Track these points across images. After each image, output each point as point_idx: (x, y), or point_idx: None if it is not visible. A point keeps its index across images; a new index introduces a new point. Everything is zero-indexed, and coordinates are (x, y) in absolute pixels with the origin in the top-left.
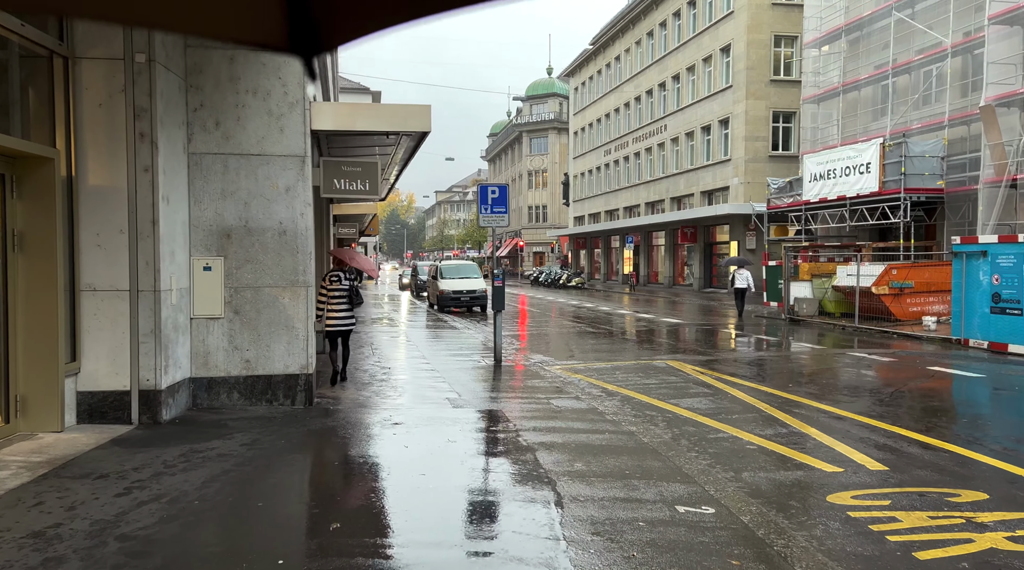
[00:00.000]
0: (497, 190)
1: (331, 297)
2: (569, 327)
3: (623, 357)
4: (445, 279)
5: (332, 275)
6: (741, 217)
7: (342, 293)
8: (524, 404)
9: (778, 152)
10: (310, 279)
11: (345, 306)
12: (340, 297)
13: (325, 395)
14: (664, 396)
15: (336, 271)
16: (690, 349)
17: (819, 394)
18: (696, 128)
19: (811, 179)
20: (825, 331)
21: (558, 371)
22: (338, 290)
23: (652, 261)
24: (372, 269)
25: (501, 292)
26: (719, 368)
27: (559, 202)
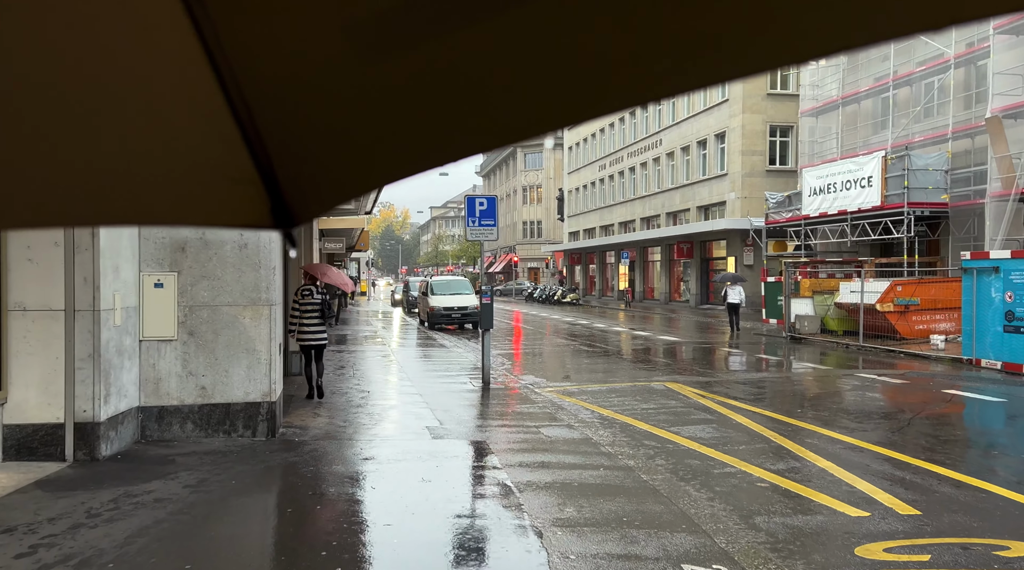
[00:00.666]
0: (485, 202)
1: (303, 312)
2: (563, 345)
3: (619, 378)
4: (436, 295)
5: (304, 289)
6: (738, 232)
7: (314, 307)
8: (511, 434)
9: (775, 166)
10: (275, 297)
11: (317, 321)
12: (312, 312)
13: (292, 424)
14: (663, 423)
15: (308, 286)
16: (689, 369)
17: (830, 420)
18: (692, 142)
19: (811, 193)
20: (828, 350)
21: (550, 394)
22: (310, 304)
23: (648, 277)
24: (345, 283)
25: (490, 310)
26: (720, 390)
27: (554, 217)
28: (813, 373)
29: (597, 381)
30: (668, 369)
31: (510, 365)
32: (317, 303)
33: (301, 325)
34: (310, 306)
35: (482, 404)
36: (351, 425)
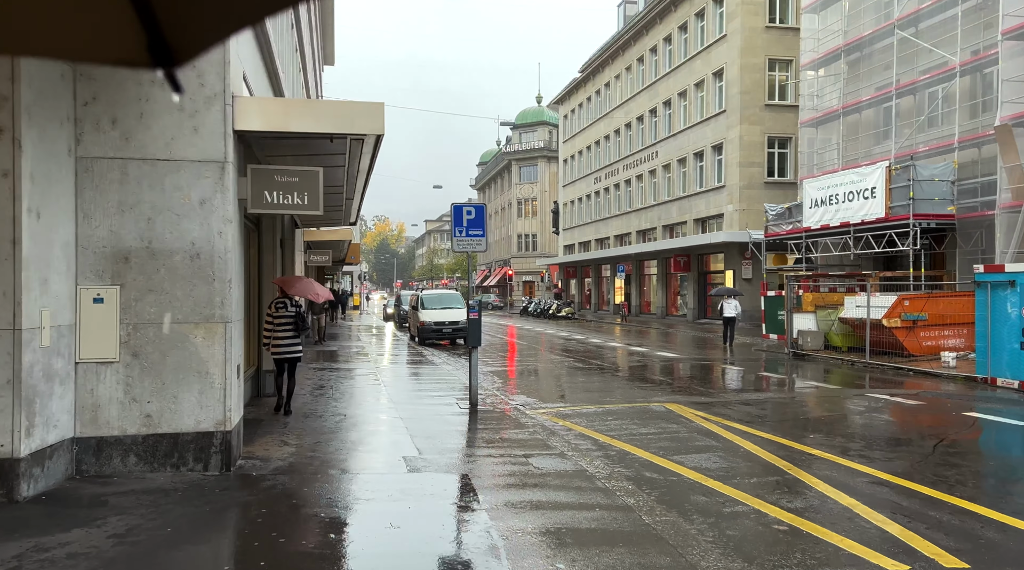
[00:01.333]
0: (473, 210)
1: (276, 324)
2: (558, 362)
3: (616, 398)
4: (426, 309)
5: (278, 302)
6: (736, 245)
7: (287, 320)
8: (498, 465)
9: (774, 178)
10: (231, 313)
11: (290, 333)
12: (285, 324)
13: (254, 454)
14: (665, 451)
15: (281, 299)
16: (689, 388)
17: (846, 447)
18: (688, 154)
19: (811, 205)
20: (833, 367)
21: (543, 417)
22: (283, 317)
23: (644, 291)
24: (317, 294)
25: (478, 325)
26: (724, 413)
27: (549, 231)
28: (820, 393)
29: (593, 402)
30: (667, 388)
31: (501, 384)
32: (291, 316)
33: (275, 337)
34: (283, 319)
35: (468, 429)
36: (319, 456)
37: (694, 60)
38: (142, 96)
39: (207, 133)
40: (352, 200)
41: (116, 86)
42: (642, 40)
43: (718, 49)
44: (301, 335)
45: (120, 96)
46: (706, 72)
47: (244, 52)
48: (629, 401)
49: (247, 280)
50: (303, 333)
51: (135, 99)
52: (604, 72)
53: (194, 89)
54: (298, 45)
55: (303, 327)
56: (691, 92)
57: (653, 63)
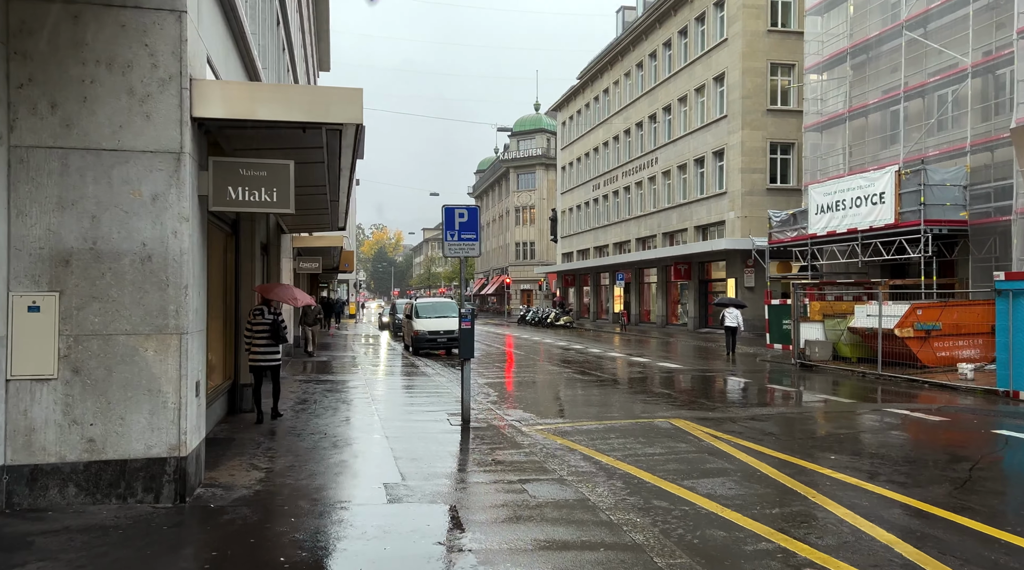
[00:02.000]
0: (466, 213)
1: (254, 333)
2: (556, 373)
3: (618, 413)
4: (421, 318)
5: (255, 310)
6: (739, 253)
7: (264, 328)
8: (490, 493)
9: (776, 185)
10: (187, 323)
11: (267, 341)
12: (262, 332)
13: (217, 480)
14: (675, 475)
15: (259, 306)
16: (695, 402)
17: (874, 471)
18: (689, 160)
19: (817, 211)
20: (843, 379)
21: (541, 434)
22: (260, 325)
23: (644, 299)
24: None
25: (470, 336)
26: (734, 430)
27: (547, 238)
28: (834, 407)
29: (593, 417)
30: (672, 402)
31: (497, 397)
32: (267, 323)
33: (252, 346)
34: (260, 327)
35: (459, 450)
36: (290, 482)
37: (695, 65)
38: (86, 77)
39: (161, 120)
40: (338, 202)
41: (56, 66)
42: (641, 45)
43: (719, 53)
44: (280, 343)
45: (60, 77)
46: (707, 77)
47: (210, 33)
48: (632, 416)
49: (223, 288)
50: (282, 342)
51: (78, 81)
52: (603, 78)
53: (145, 70)
54: (286, 44)
55: (280, 335)
56: (691, 97)
57: (653, 68)
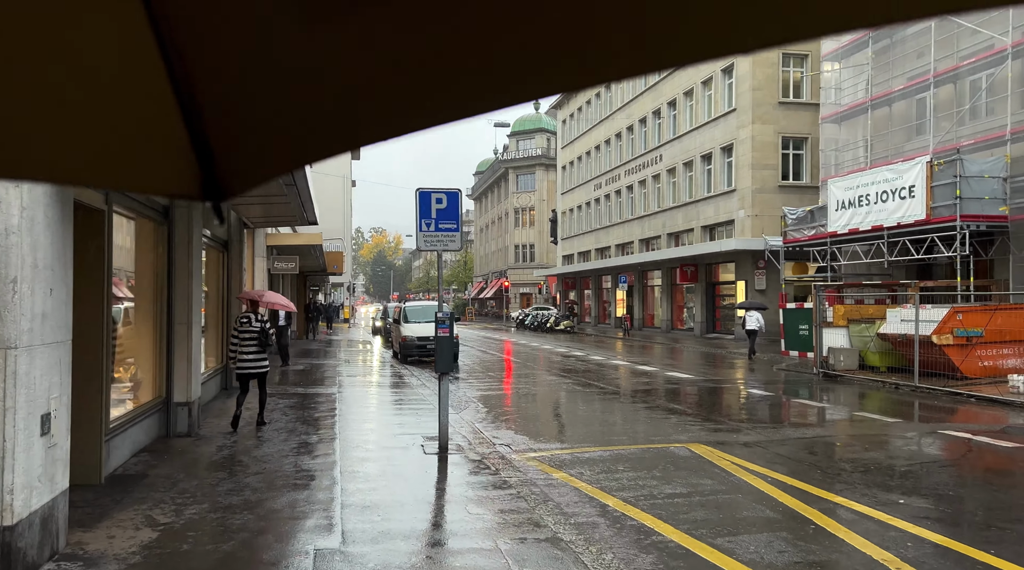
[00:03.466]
0: (444, 198)
1: (241, 340)
2: (555, 384)
3: (626, 435)
4: (410, 323)
5: (242, 317)
6: (749, 253)
7: (252, 336)
8: (457, 567)
9: (789, 182)
10: (18, 333)
11: (255, 349)
12: (250, 339)
13: (84, 547)
14: (704, 528)
15: (246, 313)
16: (713, 421)
17: (969, 521)
18: (695, 157)
19: (838, 207)
20: (874, 391)
21: (534, 465)
22: (248, 333)
23: (647, 303)
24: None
25: (448, 345)
26: (767, 459)
27: (547, 241)
28: (879, 429)
29: (597, 441)
30: (688, 420)
31: (487, 414)
32: (255, 331)
33: (240, 353)
34: (248, 334)
35: (431, 491)
36: (185, 549)
37: None
38: None
39: None
40: (294, 187)
41: None
42: None
43: None
44: (267, 350)
45: None
46: (714, 69)
47: None
48: (643, 440)
49: (153, 288)
50: (268, 348)
51: None
52: None
53: None
54: None
55: (267, 342)
56: (698, 91)
57: None
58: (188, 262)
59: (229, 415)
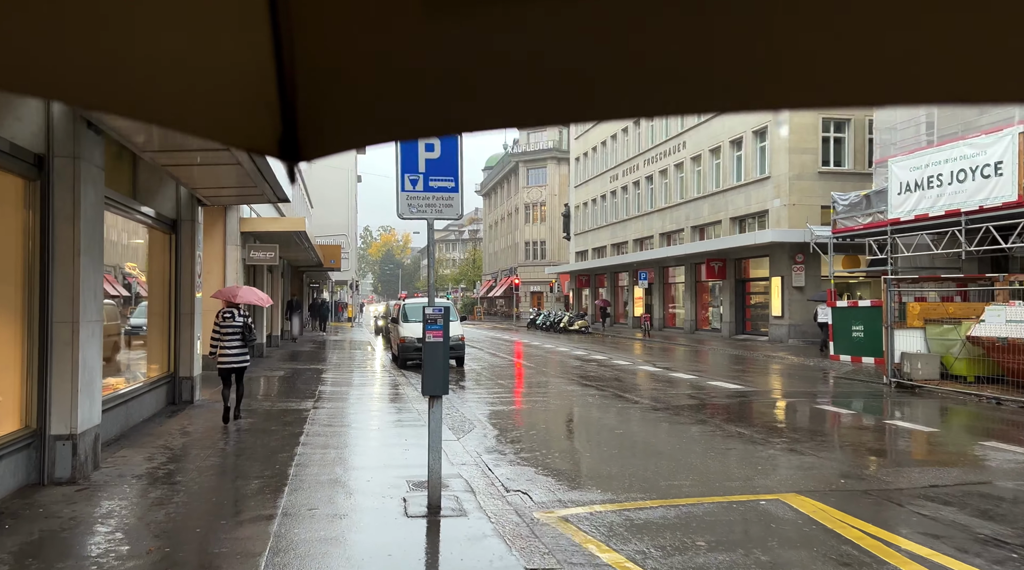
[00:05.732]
0: (437, 145)
1: (224, 334)
2: (579, 396)
3: (689, 477)
4: (409, 323)
5: (225, 312)
6: (786, 246)
7: (234, 330)
8: None
9: (830, 168)
10: None
11: (238, 343)
12: (232, 334)
13: None
14: None
15: (229, 309)
16: (799, 451)
17: None
18: (723, 142)
19: (901, 190)
20: (969, 407)
21: (569, 533)
22: (230, 327)
23: (668, 301)
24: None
25: (439, 354)
26: (929, 531)
27: (559, 237)
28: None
29: (651, 486)
30: (761, 449)
31: (496, 440)
32: (238, 326)
33: (222, 348)
34: (230, 329)
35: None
36: None
37: None
38: None
39: None
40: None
41: None
42: None
43: None
44: (248, 345)
45: None
46: None
47: None
48: (717, 485)
49: (19, 273)
50: (251, 343)
51: None
52: None
53: None
54: None
55: (250, 337)
56: None
57: None
58: (73, 234)
59: (165, 438)
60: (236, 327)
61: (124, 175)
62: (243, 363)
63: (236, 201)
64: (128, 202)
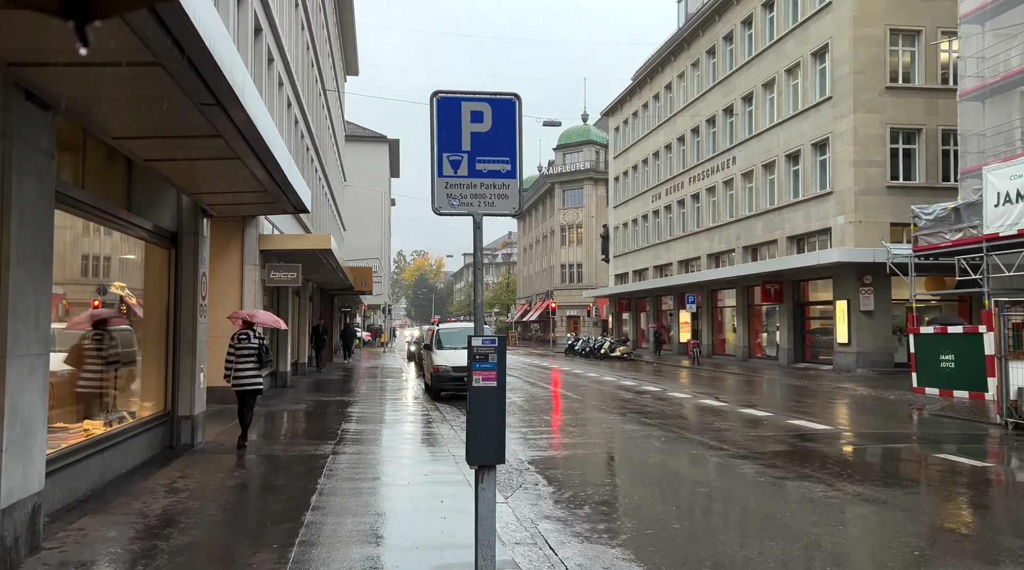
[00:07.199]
0: (488, 110)
1: (239, 356)
2: (640, 440)
3: (826, 566)
4: (444, 350)
5: (241, 334)
6: (852, 267)
7: (250, 352)
8: None
9: (899, 182)
10: None
11: (252, 365)
12: (248, 356)
13: None
14: None
15: (244, 331)
16: (957, 525)
17: None
18: (779, 157)
19: (999, 202)
20: None
21: None
22: (246, 349)
23: (717, 327)
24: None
25: (490, 403)
26: None
27: (595, 260)
28: None
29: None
30: (918, 528)
31: (551, 502)
32: (254, 347)
33: (236, 369)
34: (246, 351)
35: None
36: None
37: (785, 41)
38: None
39: None
40: (259, 143)
41: None
42: (713, 28)
43: (819, 22)
44: (264, 367)
45: None
46: (802, 53)
47: None
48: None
49: None
50: (266, 365)
51: None
52: (664, 73)
53: None
54: None
55: (266, 359)
56: (781, 80)
57: (728, 53)
58: (0, 240)
59: (145, 498)
60: (251, 349)
61: (116, 181)
62: (256, 385)
63: (247, 211)
64: (114, 210)
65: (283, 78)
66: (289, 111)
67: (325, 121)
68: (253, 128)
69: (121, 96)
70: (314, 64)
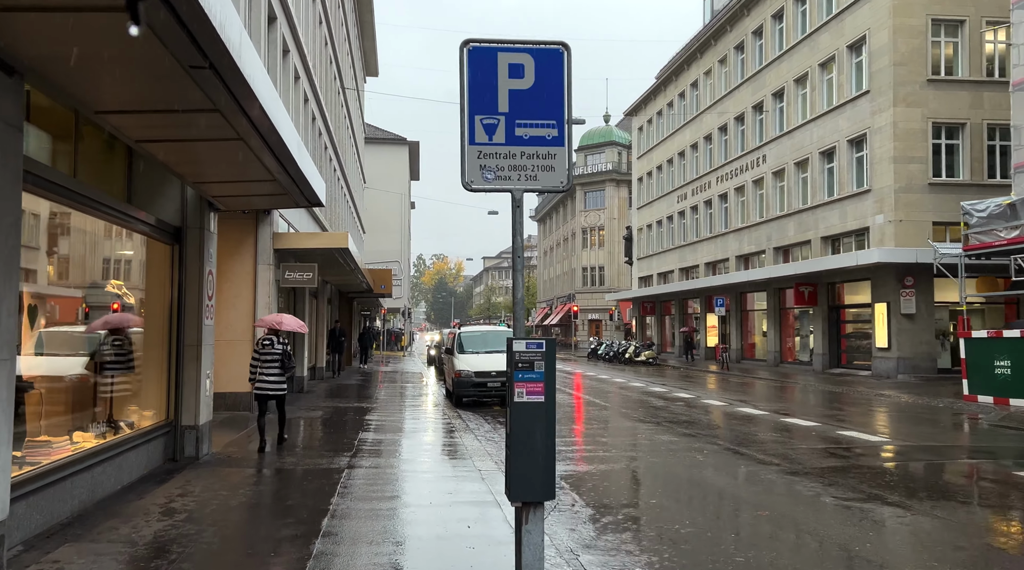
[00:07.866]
0: (530, 68)
1: (263, 361)
2: (680, 453)
3: None
4: (466, 354)
5: (264, 339)
6: (892, 268)
7: (273, 358)
8: None
9: (941, 179)
10: None
11: (276, 370)
12: (271, 361)
13: None
14: None
15: (268, 336)
16: None
17: None
18: (812, 153)
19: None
20: None
21: None
22: (269, 355)
23: (746, 330)
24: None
25: (537, 423)
26: None
27: (618, 263)
28: None
29: None
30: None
31: (590, 527)
32: (277, 353)
33: (260, 374)
34: (269, 356)
35: None
36: None
37: (818, 34)
38: None
39: None
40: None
41: None
42: (742, 23)
43: (856, 13)
44: (287, 373)
45: None
46: (837, 46)
47: None
48: None
49: None
50: (289, 371)
51: None
52: (689, 70)
53: None
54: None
55: (289, 365)
56: (814, 75)
57: (757, 48)
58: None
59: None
60: (275, 355)
61: (114, 170)
62: (280, 391)
63: (257, 204)
64: (112, 201)
65: (299, 71)
66: (306, 106)
67: (344, 120)
68: (254, 100)
69: (95, 56)
70: (332, 61)
